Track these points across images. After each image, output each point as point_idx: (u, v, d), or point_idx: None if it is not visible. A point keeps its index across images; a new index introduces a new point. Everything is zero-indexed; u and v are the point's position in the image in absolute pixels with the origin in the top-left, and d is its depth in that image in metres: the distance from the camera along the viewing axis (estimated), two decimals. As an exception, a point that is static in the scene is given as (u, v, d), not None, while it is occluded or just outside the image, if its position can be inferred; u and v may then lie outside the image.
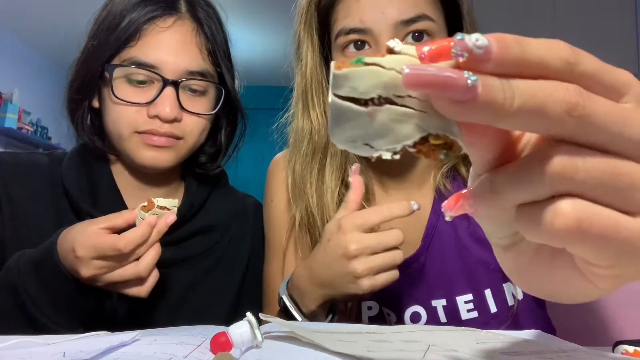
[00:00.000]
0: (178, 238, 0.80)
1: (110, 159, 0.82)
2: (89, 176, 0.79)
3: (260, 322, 0.47)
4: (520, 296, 0.77)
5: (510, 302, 0.76)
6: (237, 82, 0.85)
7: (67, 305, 0.64)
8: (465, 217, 0.72)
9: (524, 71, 0.22)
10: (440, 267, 0.77)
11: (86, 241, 0.59)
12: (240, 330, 0.46)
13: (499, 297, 0.76)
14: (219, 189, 0.89)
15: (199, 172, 0.86)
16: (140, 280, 0.63)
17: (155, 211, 0.63)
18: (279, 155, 0.90)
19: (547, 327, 0.80)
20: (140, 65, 0.73)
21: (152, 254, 0.63)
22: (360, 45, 0.70)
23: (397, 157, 0.26)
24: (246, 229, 0.90)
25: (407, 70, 0.21)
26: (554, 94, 0.21)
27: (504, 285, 0.76)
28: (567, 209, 0.22)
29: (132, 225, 0.63)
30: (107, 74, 0.74)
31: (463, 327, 0.57)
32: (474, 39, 0.21)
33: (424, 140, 0.25)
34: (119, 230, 0.63)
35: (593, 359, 0.44)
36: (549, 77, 0.22)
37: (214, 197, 0.87)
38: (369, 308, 0.80)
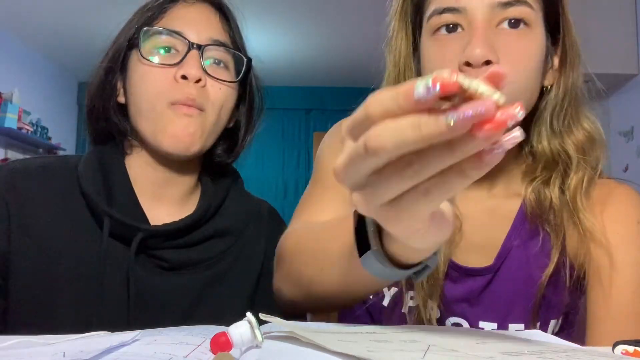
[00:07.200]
0: (193, 241, 0.81)
1: (125, 154, 0.83)
2: (105, 177, 0.79)
3: (260, 322, 0.47)
4: (556, 329, 0.78)
5: None
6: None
7: None
8: (547, 256, 0.73)
9: None
10: (503, 292, 0.76)
11: None
12: (240, 330, 0.46)
13: (543, 330, 0.76)
14: (234, 192, 0.90)
15: (216, 165, 0.88)
16: None
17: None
18: (343, 122, 0.92)
19: None
20: (166, 30, 0.78)
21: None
22: (452, 28, 0.67)
23: None
24: (260, 232, 0.90)
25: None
26: None
27: (551, 320, 0.76)
28: None
29: None
30: (136, 40, 0.78)
31: (463, 327, 0.57)
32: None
33: None
34: None
35: (593, 359, 0.44)
36: None
37: (230, 201, 0.88)
38: (412, 297, 0.80)
